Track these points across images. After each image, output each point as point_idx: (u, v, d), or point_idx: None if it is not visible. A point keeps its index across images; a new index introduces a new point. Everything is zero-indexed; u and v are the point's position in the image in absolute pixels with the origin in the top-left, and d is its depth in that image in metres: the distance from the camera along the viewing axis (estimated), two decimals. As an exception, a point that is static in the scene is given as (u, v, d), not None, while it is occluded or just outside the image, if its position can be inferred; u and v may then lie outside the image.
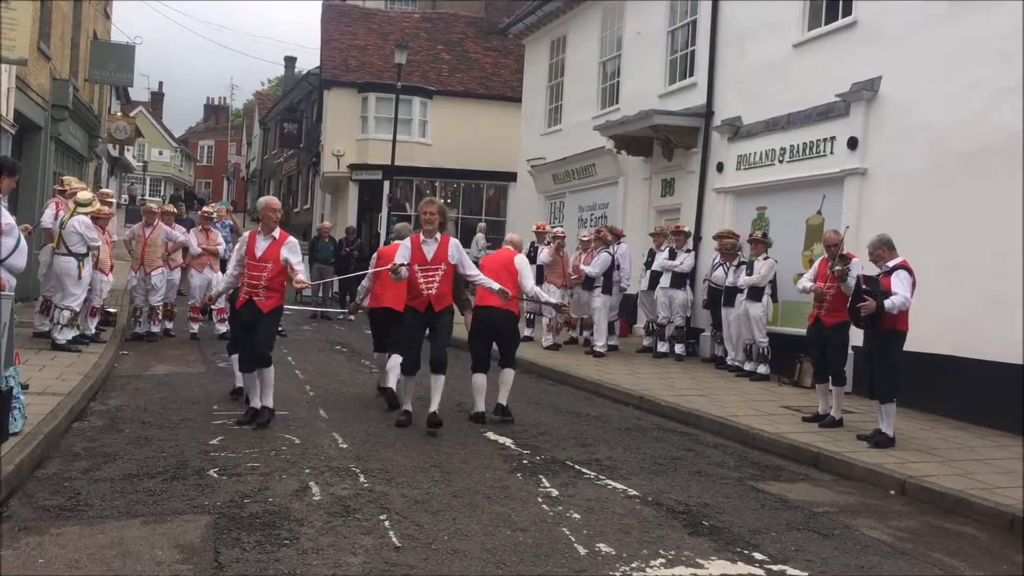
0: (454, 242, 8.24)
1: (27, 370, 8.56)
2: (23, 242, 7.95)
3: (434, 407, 8.04)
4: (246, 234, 8.38)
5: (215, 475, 6.29)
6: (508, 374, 8.99)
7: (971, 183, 9.83)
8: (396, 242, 10.34)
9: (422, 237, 8.15)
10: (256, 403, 8.07)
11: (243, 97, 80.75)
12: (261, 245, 8.03)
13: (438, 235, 8.16)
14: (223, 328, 13.70)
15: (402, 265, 7.93)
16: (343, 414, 8.73)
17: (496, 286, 8.29)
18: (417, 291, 8.12)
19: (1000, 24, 9.57)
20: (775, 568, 5.08)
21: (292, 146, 40.13)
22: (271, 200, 8.31)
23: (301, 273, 8.09)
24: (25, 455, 6.00)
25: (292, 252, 8.06)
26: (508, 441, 7.96)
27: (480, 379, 8.73)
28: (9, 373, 6.52)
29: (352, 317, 15.26)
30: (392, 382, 8.91)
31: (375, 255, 9.96)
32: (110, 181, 35.54)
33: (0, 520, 5.10)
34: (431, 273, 8.08)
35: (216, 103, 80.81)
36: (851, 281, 8.49)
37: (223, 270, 10.19)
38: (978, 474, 7.30)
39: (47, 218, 11.39)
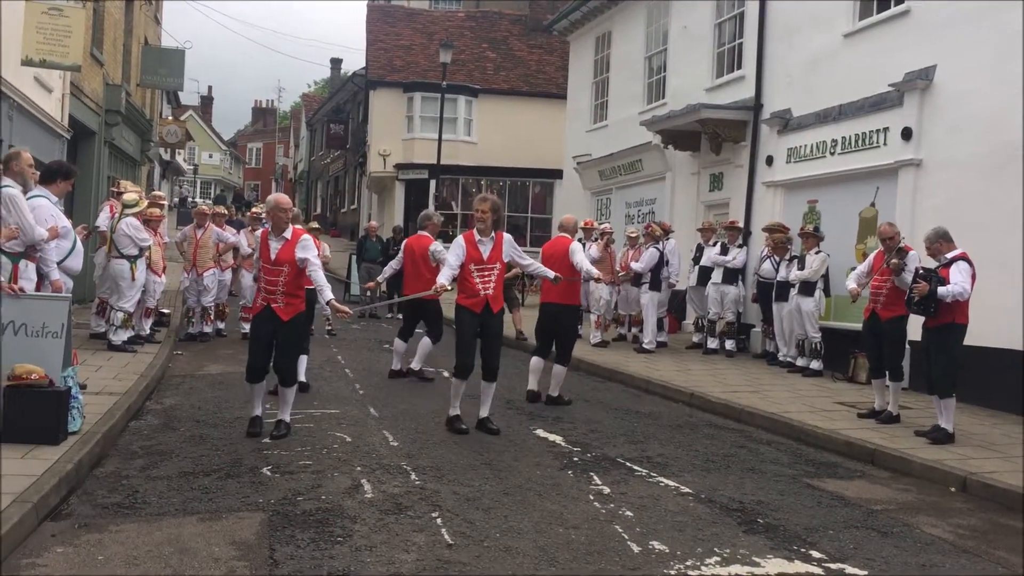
0: (508, 239, 8.09)
1: (84, 370, 8.72)
2: (79, 245, 8.12)
3: (484, 412, 8.03)
4: (258, 233, 8.17)
5: (268, 473, 6.34)
6: (560, 370, 9.24)
7: (1031, 172, 9.57)
8: (421, 233, 10.52)
9: (477, 236, 7.98)
10: (258, 410, 7.62)
11: (290, 99, 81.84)
12: (274, 247, 7.35)
13: (493, 233, 8.00)
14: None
15: (445, 288, 7.83)
16: (393, 412, 8.76)
17: (551, 273, 8.41)
18: (474, 291, 7.95)
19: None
20: (833, 567, 4.99)
21: (339, 147, 40.50)
22: (279, 198, 7.61)
23: (323, 278, 7.39)
24: (84, 454, 6.11)
25: (307, 250, 7.33)
26: (558, 438, 7.93)
27: (537, 362, 9.01)
28: (67, 374, 6.65)
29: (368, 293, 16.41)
30: (396, 364, 10.04)
31: (402, 245, 10.26)
32: (162, 184, 36.15)
33: (58, 518, 5.20)
34: (487, 273, 7.95)
35: (264, 106, 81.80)
36: (907, 276, 8.32)
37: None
38: (1042, 471, 7.11)
39: (102, 221, 11.60)
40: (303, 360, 9.34)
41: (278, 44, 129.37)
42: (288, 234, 7.41)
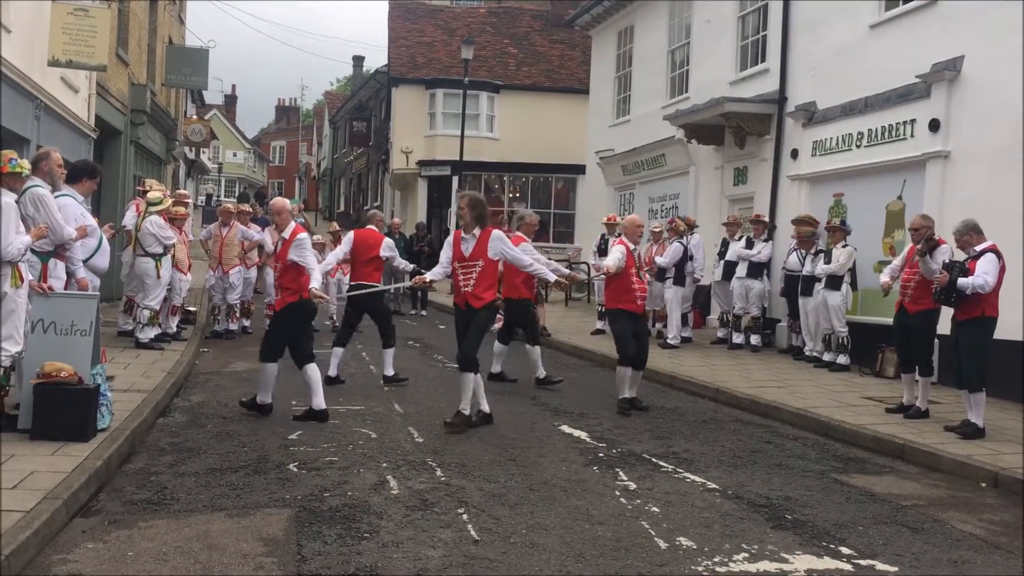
0: (495, 235, 8.00)
1: (112, 368, 8.79)
2: (105, 243, 8.20)
3: (463, 405, 7.88)
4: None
5: (295, 469, 6.37)
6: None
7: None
8: (516, 233, 10.53)
9: (462, 233, 8.08)
10: (264, 398, 8.17)
11: (313, 97, 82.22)
12: (278, 245, 8.24)
13: (477, 230, 7.98)
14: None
15: (423, 280, 8.53)
16: (417, 408, 8.78)
17: (551, 276, 8.66)
18: (457, 288, 8.17)
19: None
20: (863, 563, 4.94)
21: (362, 144, 40.59)
22: (276, 202, 8.49)
23: (315, 279, 7.77)
24: (113, 450, 6.16)
25: (298, 250, 7.83)
26: (583, 434, 7.91)
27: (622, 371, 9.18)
28: (96, 371, 6.71)
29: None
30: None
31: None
32: (187, 183, 36.39)
33: (88, 514, 5.24)
34: (469, 270, 7.97)
35: (287, 104, 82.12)
36: (932, 265, 8.24)
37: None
38: (1075, 466, 7.00)
39: (128, 219, 11.69)
40: (337, 353, 10.05)
41: (300, 42, 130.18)
42: (287, 234, 8.02)
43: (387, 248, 10.26)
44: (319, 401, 8.03)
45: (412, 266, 11.38)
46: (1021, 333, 9.02)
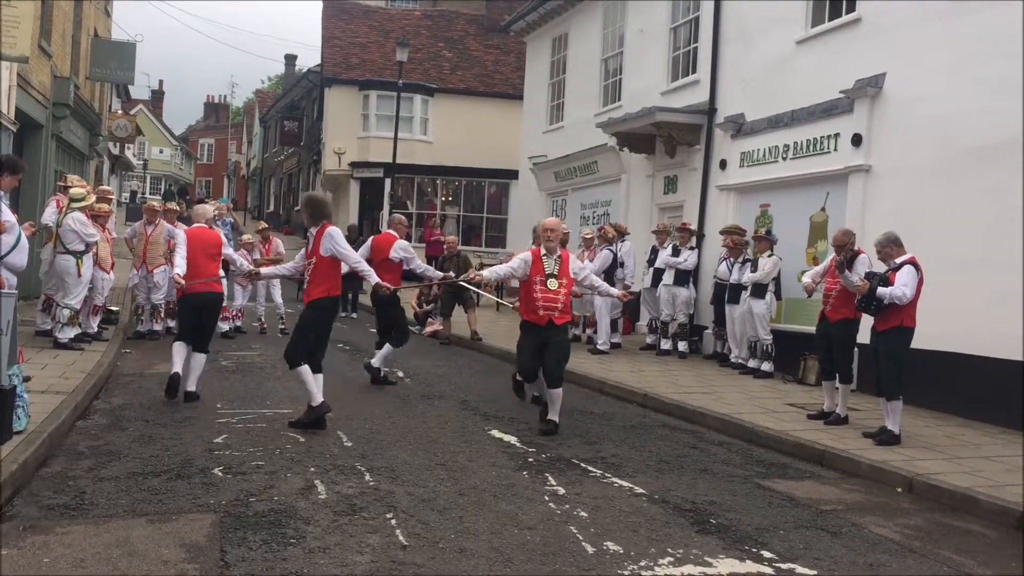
0: (328, 233, 7.92)
1: (30, 368, 8.55)
2: (23, 240, 7.94)
3: (315, 402, 7.88)
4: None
5: (220, 474, 6.26)
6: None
7: (977, 180, 9.78)
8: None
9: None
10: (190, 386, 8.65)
11: (243, 95, 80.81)
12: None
13: (314, 229, 8.09)
14: (226, 327, 13.71)
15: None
16: (347, 412, 8.70)
17: (373, 279, 8.45)
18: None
19: (1005, 20, 9.52)
20: (784, 566, 5.06)
21: (293, 144, 40.12)
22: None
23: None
24: (29, 454, 5.97)
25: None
26: (513, 439, 7.94)
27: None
28: (13, 372, 6.49)
29: None
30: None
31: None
32: (111, 179, 35.50)
33: (1, 519, 5.08)
34: (309, 267, 8.05)
35: (216, 101, 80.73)
36: (852, 277, 8.48)
37: (225, 268, 10.16)
38: (984, 471, 7.27)
39: (48, 216, 11.36)
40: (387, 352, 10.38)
41: (231, 39, 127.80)
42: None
43: (399, 250, 10.13)
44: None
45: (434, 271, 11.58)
46: (969, 347, 9.30)
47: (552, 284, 8.34)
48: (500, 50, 32.33)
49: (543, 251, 8.53)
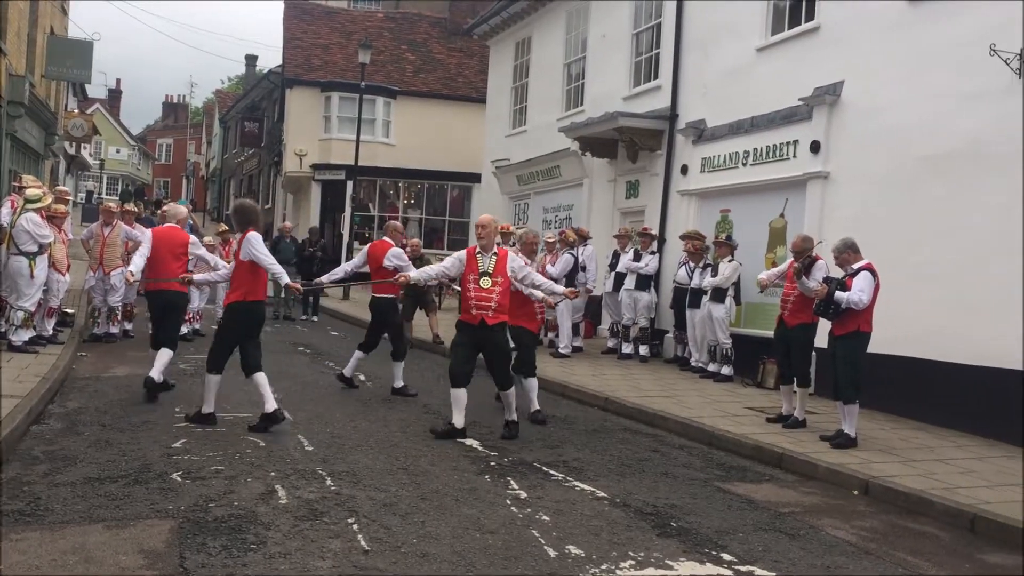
0: (248, 238, 7.96)
1: (-17, 372, 8.38)
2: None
3: (207, 408, 8.00)
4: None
5: (178, 479, 6.19)
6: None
7: (930, 189, 9.97)
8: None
9: None
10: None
11: (203, 95, 79.97)
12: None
13: (238, 234, 8.22)
14: (185, 329, 13.54)
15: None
16: (307, 415, 8.65)
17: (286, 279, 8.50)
18: None
19: (961, 31, 9.71)
20: (743, 569, 5.11)
21: (253, 145, 39.73)
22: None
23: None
24: (-18, 459, 5.87)
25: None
26: (475, 443, 7.93)
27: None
28: (-35, 375, 6.37)
29: None
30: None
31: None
32: (67, 179, 34.94)
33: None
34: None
35: (175, 101, 79.85)
36: (812, 284, 8.59)
37: (185, 270, 10.05)
38: (938, 474, 7.41)
39: (3, 216, 11.15)
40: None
41: (191, 39, 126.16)
42: None
43: (392, 257, 10.02)
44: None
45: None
46: (924, 352, 9.50)
47: (485, 282, 8.07)
48: (463, 53, 32.32)
49: (478, 249, 8.29)
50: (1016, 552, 5.83)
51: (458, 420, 8.06)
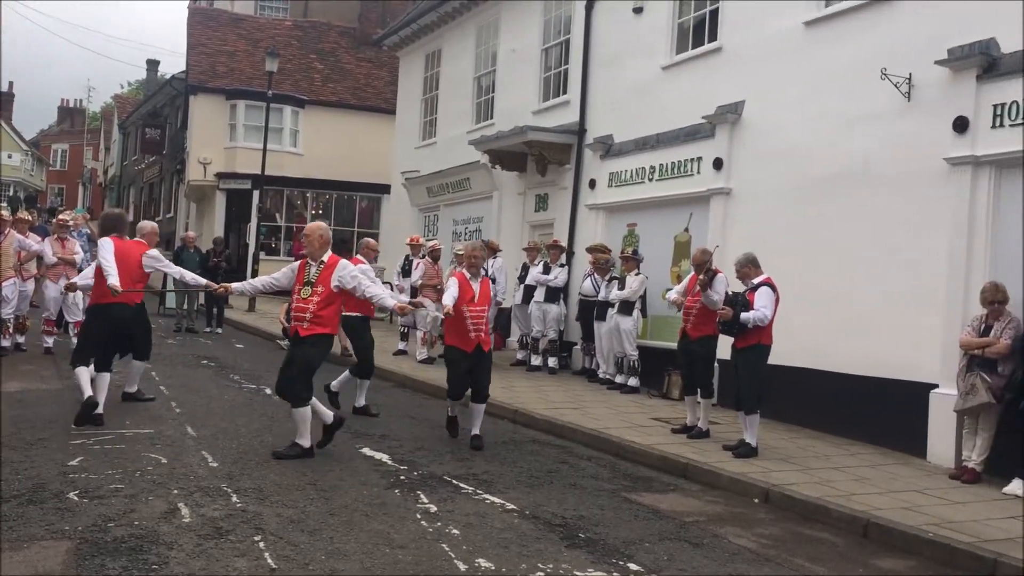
0: (99, 243, 8.70)
1: None
2: None
3: (100, 401, 8.38)
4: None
5: (75, 498, 5.98)
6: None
7: (825, 206, 10.36)
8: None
9: None
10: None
11: (101, 99, 77.51)
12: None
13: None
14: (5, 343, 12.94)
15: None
16: (212, 431, 8.45)
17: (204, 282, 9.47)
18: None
19: (854, 55, 10.13)
20: (649, 578, 5.22)
21: (154, 152, 38.72)
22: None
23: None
24: None
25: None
26: (385, 457, 7.89)
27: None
28: None
29: None
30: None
31: None
32: (-46, 185, 33.41)
33: None
34: None
35: (71, 105, 77.13)
36: (713, 295, 8.82)
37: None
38: (834, 481, 7.68)
39: None
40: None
41: (89, 41, 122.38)
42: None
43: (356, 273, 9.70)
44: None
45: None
46: (816, 363, 9.85)
47: (305, 292, 7.69)
48: (373, 63, 32.13)
49: (309, 259, 7.87)
50: (906, 556, 6.10)
51: (304, 441, 7.69)
